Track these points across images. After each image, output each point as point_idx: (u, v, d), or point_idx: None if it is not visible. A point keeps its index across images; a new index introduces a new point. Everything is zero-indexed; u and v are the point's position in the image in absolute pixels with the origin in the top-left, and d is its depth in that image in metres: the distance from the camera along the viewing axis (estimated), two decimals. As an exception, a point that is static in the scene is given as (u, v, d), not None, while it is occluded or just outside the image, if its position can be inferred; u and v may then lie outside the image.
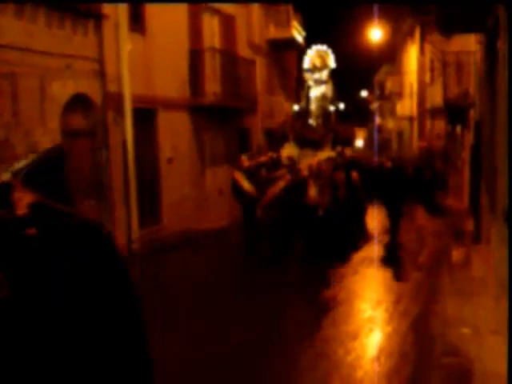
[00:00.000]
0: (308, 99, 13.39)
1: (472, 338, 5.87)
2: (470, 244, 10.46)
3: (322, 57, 12.89)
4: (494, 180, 7.29)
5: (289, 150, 12.26)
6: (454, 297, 7.35)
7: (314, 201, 10.14)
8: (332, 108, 12.12)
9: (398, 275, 8.88)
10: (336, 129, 14.48)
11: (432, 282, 8.39)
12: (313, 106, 12.90)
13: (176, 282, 8.84)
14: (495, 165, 7.16)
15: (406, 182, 12.40)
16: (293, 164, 10.80)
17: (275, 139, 15.05)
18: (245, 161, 10.95)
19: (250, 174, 10.58)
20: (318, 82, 12.57)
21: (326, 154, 12.28)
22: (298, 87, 15.03)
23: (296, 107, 15.49)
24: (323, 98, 12.54)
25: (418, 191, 16.22)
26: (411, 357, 5.57)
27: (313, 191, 10.19)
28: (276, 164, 10.71)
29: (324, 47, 12.78)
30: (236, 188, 10.74)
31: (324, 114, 12.50)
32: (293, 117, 14.98)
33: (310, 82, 13.16)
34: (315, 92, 12.78)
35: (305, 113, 14.34)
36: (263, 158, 11.17)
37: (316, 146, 13.28)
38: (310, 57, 13.31)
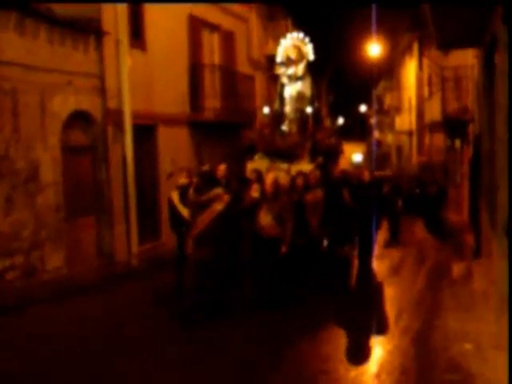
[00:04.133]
0: (282, 100, 11.64)
1: (474, 353, 5.83)
2: (470, 258, 10.43)
3: (297, 47, 11.32)
4: (493, 194, 7.28)
5: (256, 163, 10.78)
6: (456, 312, 7.32)
7: (269, 232, 7.80)
8: (309, 110, 10.68)
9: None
10: (314, 136, 11.73)
11: (433, 296, 8.34)
12: (287, 108, 11.31)
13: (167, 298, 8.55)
14: (495, 179, 7.16)
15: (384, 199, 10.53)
16: (259, 179, 8.87)
17: (244, 150, 12.55)
18: (182, 177, 8.82)
19: (184, 195, 8.28)
20: (294, 78, 11.15)
21: (301, 166, 10.23)
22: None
23: (266, 110, 12.88)
24: (300, 97, 11.12)
25: (421, 207, 16.15)
26: (413, 373, 5.53)
27: (265, 219, 7.84)
28: (210, 182, 8.10)
29: (301, 35, 11.31)
30: (171, 211, 8.54)
31: (301, 117, 10.88)
32: (261, 121, 12.51)
33: (284, 79, 11.64)
34: (290, 90, 11.33)
35: (278, 116, 11.48)
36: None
37: (290, 157, 10.81)
38: (285, 48, 11.71)
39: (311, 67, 12.65)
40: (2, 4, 8.56)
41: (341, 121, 46.96)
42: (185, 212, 8.12)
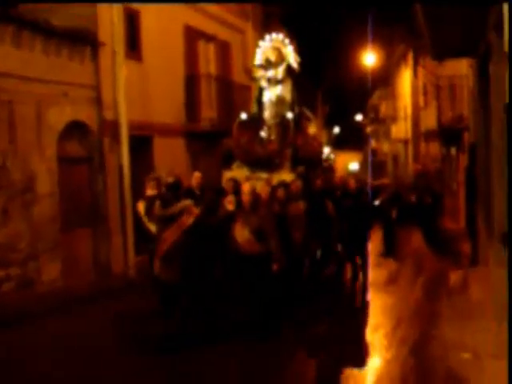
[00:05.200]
0: (261, 104, 10.98)
1: (472, 362, 5.82)
2: (467, 267, 10.43)
3: (277, 49, 10.70)
4: (489, 202, 7.31)
5: (234, 172, 10.13)
6: (453, 321, 7.30)
7: (247, 249, 6.92)
8: (290, 115, 10.01)
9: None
10: (295, 143, 10.75)
11: (430, 306, 8.33)
12: (267, 114, 10.65)
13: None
14: (490, 187, 7.19)
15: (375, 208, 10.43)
16: (236, 190, 8.01)
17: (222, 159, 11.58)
18: (148, 188, 7.87)
19: (151, 208, 7.44)
20: (273, 82, 10.50)
21: (282, 176, 9.56)
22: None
23: (244, 116, 11.62)
24: (280, 101, 10.48)
25: (418, 215, 16.12)
26: (411, 383, 5.51)
27: (242, 233, 6.97)
28: (178, 194, 7.45)
29: (280, 36, 10.63)
30: (140, 225, 7.88)
31: (281, 123, 10.21)
32: (238, 128, 11.16)
33: (263, 82, 10.98)
34: (270, 95, 10.68)
35: (256, 122, 11.48)
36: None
37: (270, 165, 10.04)
38: (264, 50, 11.06)
39: (303, 73, 12.25)
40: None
41: (337, 130, 47.14)
42: (152, 227, 7.35)
